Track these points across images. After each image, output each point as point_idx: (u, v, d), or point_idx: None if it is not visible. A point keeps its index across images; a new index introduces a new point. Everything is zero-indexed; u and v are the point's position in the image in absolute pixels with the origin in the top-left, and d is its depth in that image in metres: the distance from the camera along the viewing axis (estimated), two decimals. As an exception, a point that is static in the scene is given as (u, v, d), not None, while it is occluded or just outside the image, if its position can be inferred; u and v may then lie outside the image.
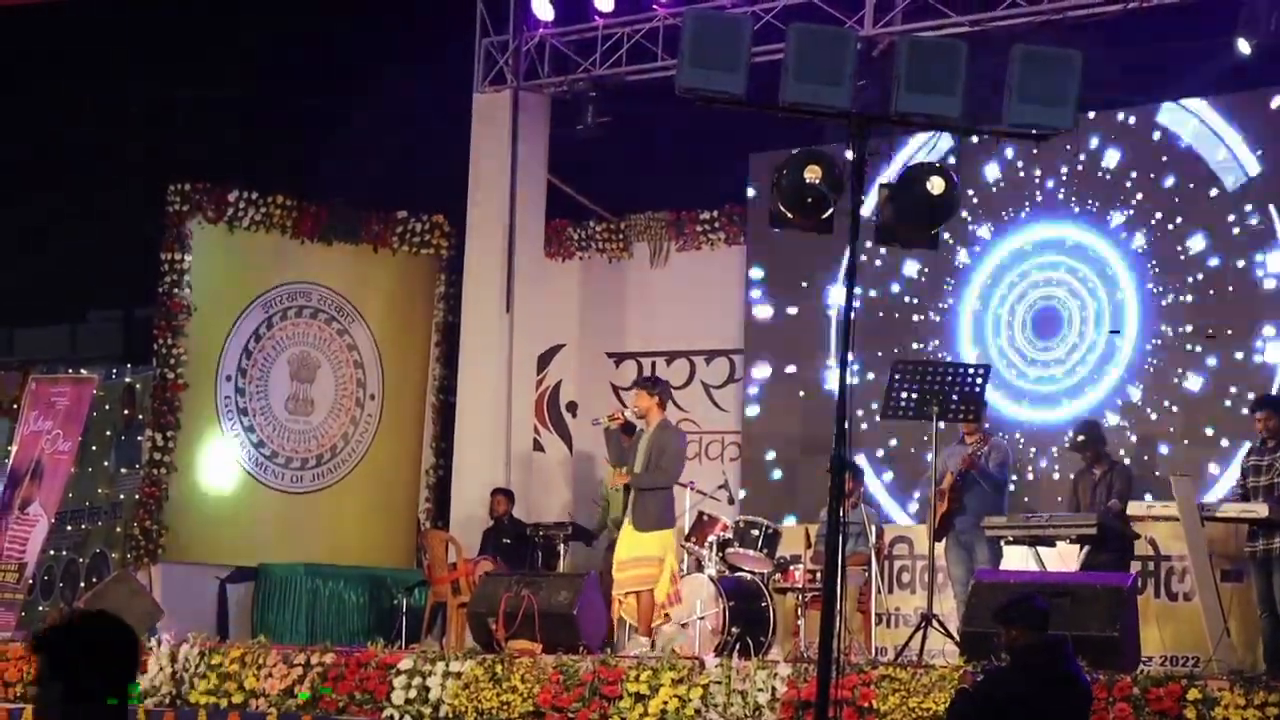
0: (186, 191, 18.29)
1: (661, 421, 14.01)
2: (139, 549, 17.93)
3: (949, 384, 13.97)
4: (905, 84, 8.88)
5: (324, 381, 19.09)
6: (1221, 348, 15.43)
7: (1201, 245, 15.65)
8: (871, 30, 16.39)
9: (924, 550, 14.81)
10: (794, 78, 8.86)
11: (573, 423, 19.13)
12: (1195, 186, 15.74)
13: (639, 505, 13.78)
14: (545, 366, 19.21)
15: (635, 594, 13.75)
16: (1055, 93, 8.90)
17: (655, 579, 13.76)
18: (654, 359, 18.85)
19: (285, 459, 18.82)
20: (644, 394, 14.04)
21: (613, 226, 19.22)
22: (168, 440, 18.05)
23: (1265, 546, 13.06)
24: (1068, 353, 16.30)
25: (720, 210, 18.59)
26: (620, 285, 19.17)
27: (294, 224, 18.86)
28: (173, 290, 18.15)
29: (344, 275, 19.19)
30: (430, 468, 19.29)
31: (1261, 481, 13.28)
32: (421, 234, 19.38)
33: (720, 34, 8.96)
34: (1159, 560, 14.79)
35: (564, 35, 18.48)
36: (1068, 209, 16.40)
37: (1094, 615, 11.69)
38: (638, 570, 13.74)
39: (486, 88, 18.80)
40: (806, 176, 9.10)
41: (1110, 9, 15.56)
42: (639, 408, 14.03)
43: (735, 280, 18.27)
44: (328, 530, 18.85)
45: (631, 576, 13.76)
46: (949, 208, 9.34)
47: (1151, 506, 13.63)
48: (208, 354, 18.35)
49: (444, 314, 19.45)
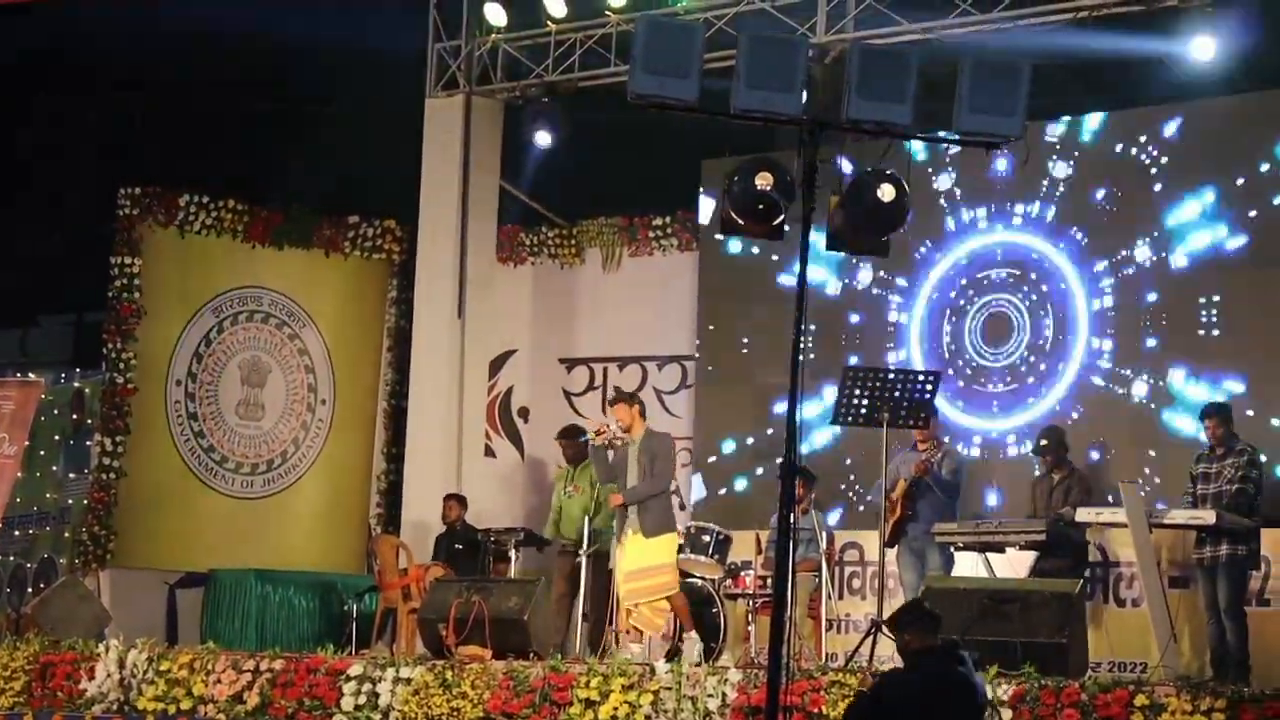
0: (137, 195, 18.24)
1: (646, 430, 14.08)
2: (87, 554, 17.87)
3: (899, 391, 14.01)
4: (856, 90, 8.92)
5: (275, 386, 19.06)
6: (1172, 356, 15.50)
7: (1148, 254, 15.71)
8: (824, 37, 16.43)
9: (874, 556, 14.84)
10: (746, 84, 8.89)
11: (524, 428, 19.12)
12: (1143, 195, 15.81)
13: (643, 513, 13.79)
14: (497, 372, 19.19)
15: (655, 601, 13.79)
16: (1004, 101, 8.95)
17: (675, 583, 13.86)
18: (606, 365, 18.85)
19: (236, 464, 18.78)
20: (624, 407, 14.11)
21: (565, 232, 19.21)
22: (117, 445, 17.99)
23: (1213, 554, 13.13)
24: (1018, 359, 16.35)
25: (673, 216, 18.60)
26: (572, 291, 19.17)
27: (245, 228, 18.83)
28: (123, 294, 18.10)
29: (295, 280, 19.16)
30: (381, 473, 19.26)
31: (1210, 489, 13.35)
32: (373, 239, 19.37)
33: (672, 40, 8.98)
34: (1107, 566, 14.85)
35: (517, 40, 18.47)
36: (1017, 216, 16.45)
37: (1042, 621, 11.73)
38: (656, 579, 13.80)
39: (439, 93, 18.79)
40: (758, 183, 9.12)
41: (1060, 18, 15.62)
42: (622, 421, 14.07)
43: (688, 286, 18.28)
44: (278, 535, 18.81)
45: (649, 586, 13.81)
46: (899, 215, 9.37)
47: (1100, 513, 13.68)
48: (158, 358, 18.31)
49: (395, 319, 19.43)
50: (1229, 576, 13.07)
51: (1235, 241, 15.30)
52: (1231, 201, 15.30)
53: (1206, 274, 15.42)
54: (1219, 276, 15.35)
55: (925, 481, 14.43)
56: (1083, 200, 16.14)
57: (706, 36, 9.24)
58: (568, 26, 18.06)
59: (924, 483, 14.43)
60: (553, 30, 18.15)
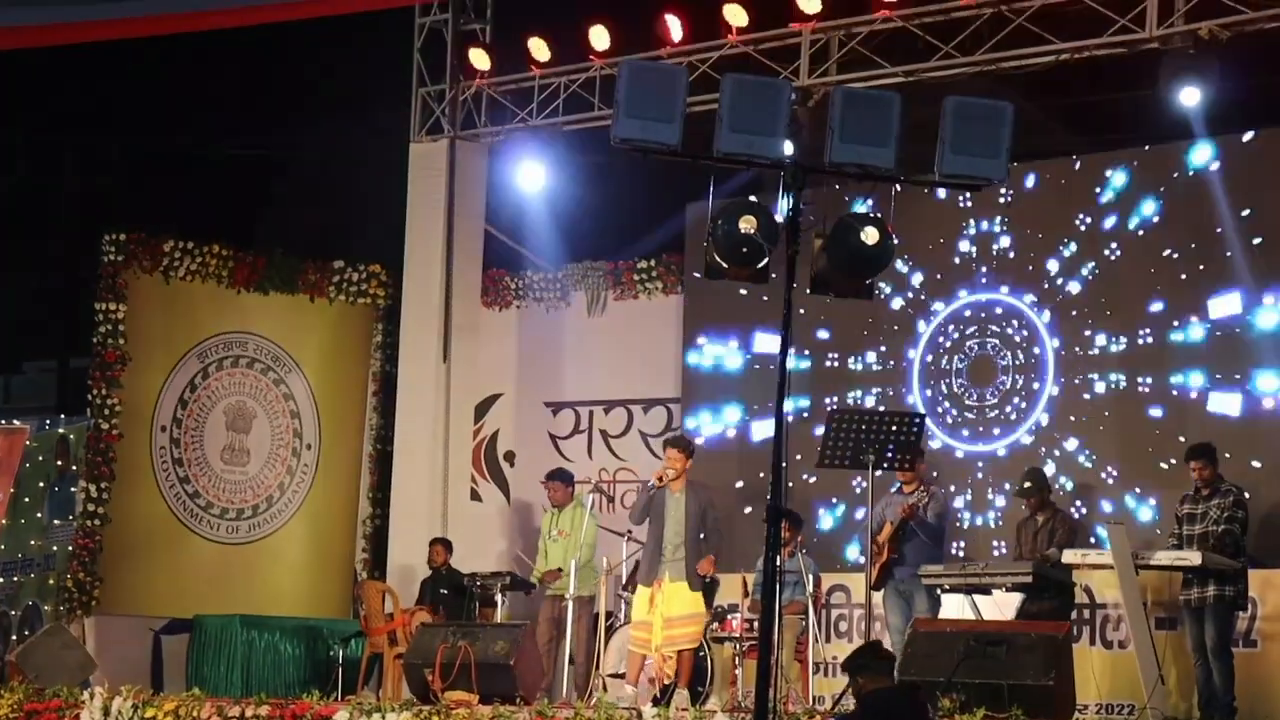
0: (122, 241, 18.23)
1: (690, 483, 14.06)
2: (72, 601, 17.82)
3: (885, 433, 14.00)
4: (839, 134, 8.94)
5: (260, 431, 19.03)
6: (1157, 399, 15.53)
7: (1135, 294, 15.74)
8: (806, 81, 16.48)
9: (861, 598, 14.81)
10: (729, 128, 8.91)
11: (510, 472, 19.10)
12: (1129, 235, 15.85)
13: (691, 563, 13.81)
14: (483, 416, 19.18)
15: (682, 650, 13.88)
16: (988, 144, 8.97)
17: (701, 635, 14.06)
18: (592, 408, 18.85)
19: (221, 509, 18.74)
20: (683, 455, 14.06)
21: (550, 276, 19.23)
22: (102, 491, 17.96)
23: (1200, 595, 13.13)
24: (1000, 401, 16.36)
25: (657, 259, 18.63)
26: (558, 334, 19.17)
27: (230, 274, 18.82)
28: (108, 341, 18.08)
29: (280, 325, 19.15)
30: (367, 518, 19.23)
31: (1195, 530, 13.35)
32: (358, 283, 19.37)
33: (656, 85, 9.00)
34: (1094, 608, 14.84)
35: (501, 85, 18.52)
36: (1002, 256, 16.50)
37: (1029, 664, 11.69)
38: (694, 627, 13.92)
39: (423, 137, 18.81)
40: (742, 227, 9.12)
41: (1043, 61, 15.69)
42: (675, 467, 14.04)
43: (673, 329, 18.29)
44: (263, 581, 18.76)
45: (689, 633, 13.90)
46: (883, 258, 9.38)
47: (1086, 554, 13.67)
48: (143, 404, 18.28)
49: (381, 363, 19.42)
50: (1216, 618, 13.06)
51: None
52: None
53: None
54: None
55: (911, 524, 14.42)
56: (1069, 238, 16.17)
57: (689, 80, 9.26)
58: (551, 71, 18.11)
59: (910, 525, 14.42)
60: (537, 75, 18.20)
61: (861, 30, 16.40)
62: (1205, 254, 15.43)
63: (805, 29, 16.65)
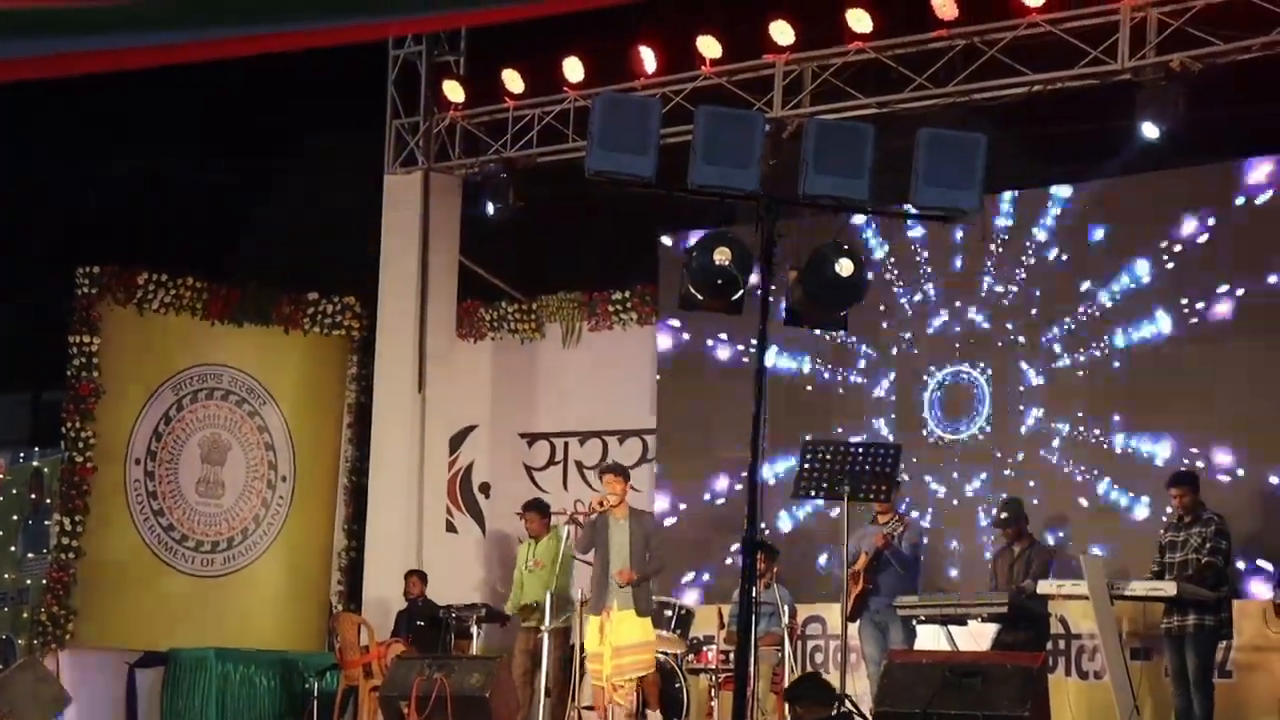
0: (96, 274, 18.20)
1: (633, 510, 14.12)
2: (46, 634, 17.74)
3: (860, 464, 14.01)
4: (813, 166, 8.96)
5: (235, 464, 18.99)
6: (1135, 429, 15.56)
7: (1113, 326, 15.78)
8: (780, 112, 16.52)
9: (837, 630, 14.81)
10: (703, 160, 8.93)
11: (485, 504, 19.08)
12: (1101, 267, 15.91)
13: (639, 592, 13.83)
14: (458, 447, 19.16)
15: (637, 678, 13.85)
16: (961, 175, 9.00)
17: (654, 662, 14.01)
18: (567, 439, 18.84)
19: (195, 542, 18.69)
20: (621, 480, 14.12)
21: (524, 307, 19.23)
22: (76, 524, 17.89)
23: (1180, 623, 13.14)
24: (977, 431, 16.39)
25: (632, 290, 18.64)
26: (532, 366, 19.17)
27: (204, 306, 18.79)
28: (81, 373, 18.04)
29: (255, 357, 19.12)
30: (342, 549, 19.19)
31: (1176, 558, 13.37)
32: (333, 315, 19.35)
33: (630, 117, 9.01)
34: (1070, 639, 14.86)
35: (475, 117, 18.55)
36: (974, 288, 16.53)
37: (1005, 695, 11.70)
38: (645, 655, 13.89)
39: (397, 169, 18.83)
40: (716, 259, 9.13)
41: (1014, 92, 15.75)
42: (616, 494, 14.04)
43: (647, 360, 18.30)
44: (238, 614, 18.70)
45: (638, 662, 13.86)
46: (857, 289, 9.39)
47: (1061, 585, 13.68)
48: (117, 437, 18.23)
49: (356, 395, 19.39)
50: (1197, 647, 13.07)
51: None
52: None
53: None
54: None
55: (886, 555, 14.42)
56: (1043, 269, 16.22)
57: (663, 112, 9.27)
58: (526, 103, 18.15)
59: (885, 556, 14.43)
60: (511, 107, 18.24)
61: (835, 61, 16.45)
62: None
63: (778, 60, 16.70)
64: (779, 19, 16.44)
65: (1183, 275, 15.46)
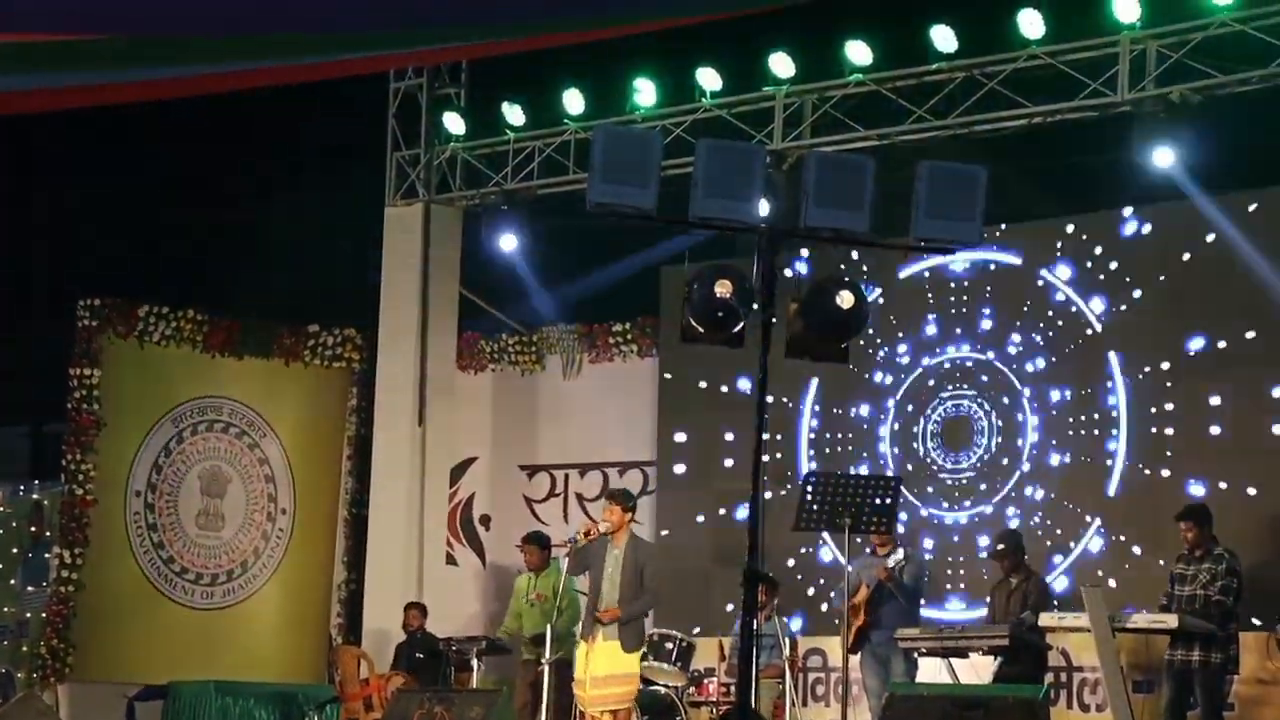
0: (96, 306, 18.21)
1: (633, 538, 13.83)
2: (46, 668, 17.71)
3: (860, 496, 13.97)
4: (814, 199, 8.96)
5: (235, 496, 18.97)
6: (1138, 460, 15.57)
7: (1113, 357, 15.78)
8: (780, 144, 16.54)
9: (838, 662, 14.78)
10: (703, 192, 8.92)
11: (486, 536, 19.06)
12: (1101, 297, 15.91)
13: (624, 626, 13.47)
14: (458, 479, 19.14)
15: (614, 711, 13.67)
16: (961, 208, 9.00)
17: (634, 694, 13.72)
18: (567, 471, 18.83)
19: (195, 575, 18.66)
20: (618, 508, 13.76)
21: (525, 339, 19.24)
22: (76, 557, 17.87)
23: (1184, 657, 13.06)
24: (977, 463, 16.37)
25: (632, 322, 18.64)
26: (533, 397, 19.16)
27: (205, 338, 18.79)
28: (82, 405, 18.03)
29: (255, 389, 19.11)
30: (342, 582, 19.16)
31: (1185, 591, 13.32)
32: (333, 347, 19.34)
33: (631, 149, 9.00)
34: (1070, 671, 14.82)
35: (475, 149, 18.57)
36: (976, 320, 16.54)
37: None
38: (623, 687, 13.58)
39: (398, 201, 18.85)
40: (717, 291, 9.12)
41: (1015, 125, 15.78)
42: (611, 521, 13.87)
43: (648, 392, 18.30)
44: (238, 646, 18.67)
45: (615, 694, 13.55)
46: (858, 322, 9.38)
47: (1062, 617, 13.64)
48: (117, 469, 18.22)
49: (356, 427, 19.37)
50: (1205, 684, 13.01)
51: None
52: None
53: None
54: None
55: (888, 587, 14.39)
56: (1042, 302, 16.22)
57: (663, 144, 9.27)
58: (526, 135, 18.18)
59: (887, 588, 14.39)
60: (511, 139, 18.26)
61: (835, 94, 16.48)
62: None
63: (779, 93, 16.73)
64: (779, 51, 16.48)
65: (1183, 307, 15.45)
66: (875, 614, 14.40)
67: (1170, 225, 15.68)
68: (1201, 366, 15.35)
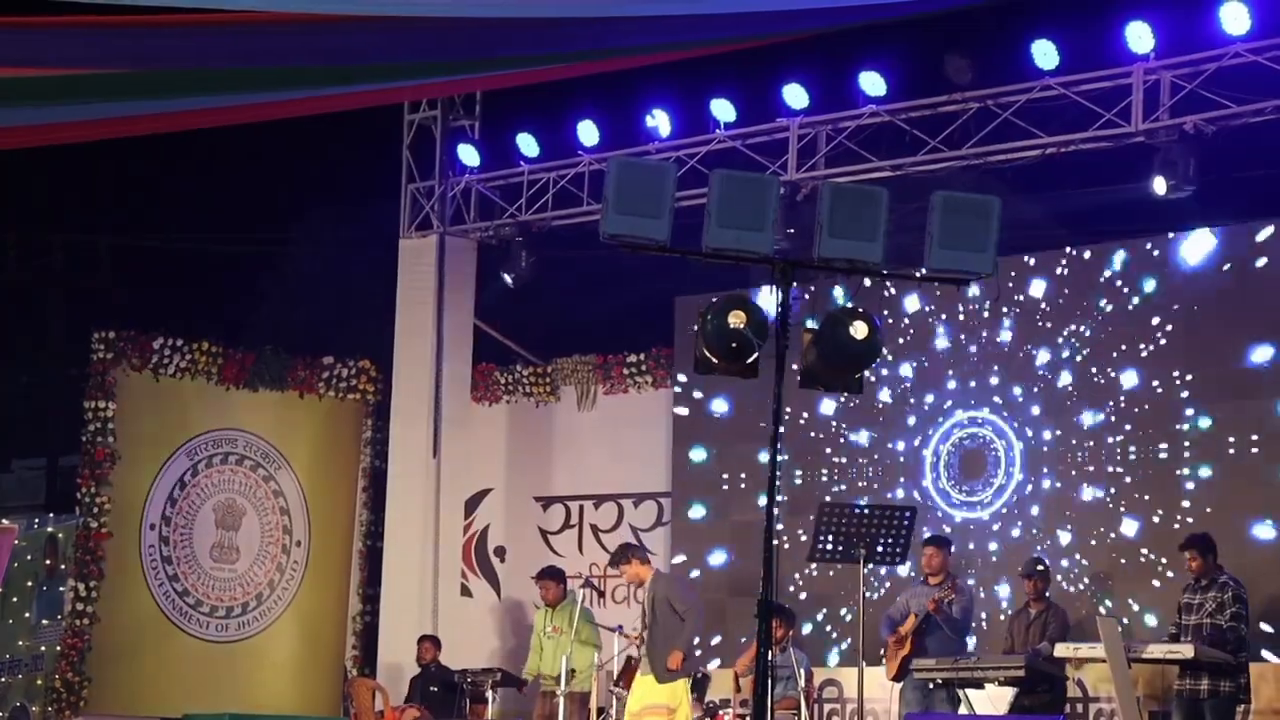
0: (111, 339, 18.23)
1: (654, 575, 13.86)
2: (61, 701, 17.71)
3: (876, 527, 13.94)
4: (828, 229, 8.95)
5: (249, 529, 18.97)
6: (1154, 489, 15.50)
7: (1133, 382, 15.71)
8: (794, 175, 16.56)
9: (853, 694, 14.73)
10: (717, 223, 8.91)
11: (501, 568, 19.04)
12: (1118, 326, 15.87)
13: (654, 657, 13.43)
14: (473, 511, 19.13)
15: None
16: (975, 238, 8.99)
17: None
18: (582, 503, 18.81)
19: (210, 607, 18.66)
20: (628, 567, 13.88)
21: (539, 370, 19.23)
22: (91, 590, 17.87)
23: (1193, 687, 13.04)
24: (993, 494, 16.33)
25: (647, 353, 18.64)
26: (548, 429, 19.16)
27: (219, 371, 18.80)
28: (97, 438, 18.05)
29: (270, 421, 19.12)
30: (357, 614, 19.15)
31: (1191, 620, 13.30)
32: (348, 379, 19.35)
33: (644, 181, 9.00)
34: (1087, 701, 14.77)
35: (490, 181, 18.61)
36: (992, 347, 16.51)
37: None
38: (656, 718, 13.53)
39: (413, 233, 18.88)
40: (731, 322, 9.11)
41: (1029, 155, 15.77)
42: (632, 580, 13.95)
43: (663, 423, 18.28)
44: (253, 679, 18.65)
45: None
46: (872, 352, 9.37)
47: (1078, 648, 13.60)
48: (132, 502, 18.22)
49: (371, 459, 19.37)
50: (1216, 714, 12.97)
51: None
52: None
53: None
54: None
55: (935, 619, 14.33)
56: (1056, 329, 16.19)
57: (677, 175, 9.27)
58: (540, 167, 18.21)
59: (934, 619, 14.33)
60: (525, 170, 18.29)
61: (849, 125, 16.49)
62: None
63: (793, 124, 16.75)
64: (793, 82, 16.50)
65: (1195, 336, 15.41)
66: (921, 644, 14.36)
67: (1180, 255, 15.64)
68: (1219, 392, 15.30)
